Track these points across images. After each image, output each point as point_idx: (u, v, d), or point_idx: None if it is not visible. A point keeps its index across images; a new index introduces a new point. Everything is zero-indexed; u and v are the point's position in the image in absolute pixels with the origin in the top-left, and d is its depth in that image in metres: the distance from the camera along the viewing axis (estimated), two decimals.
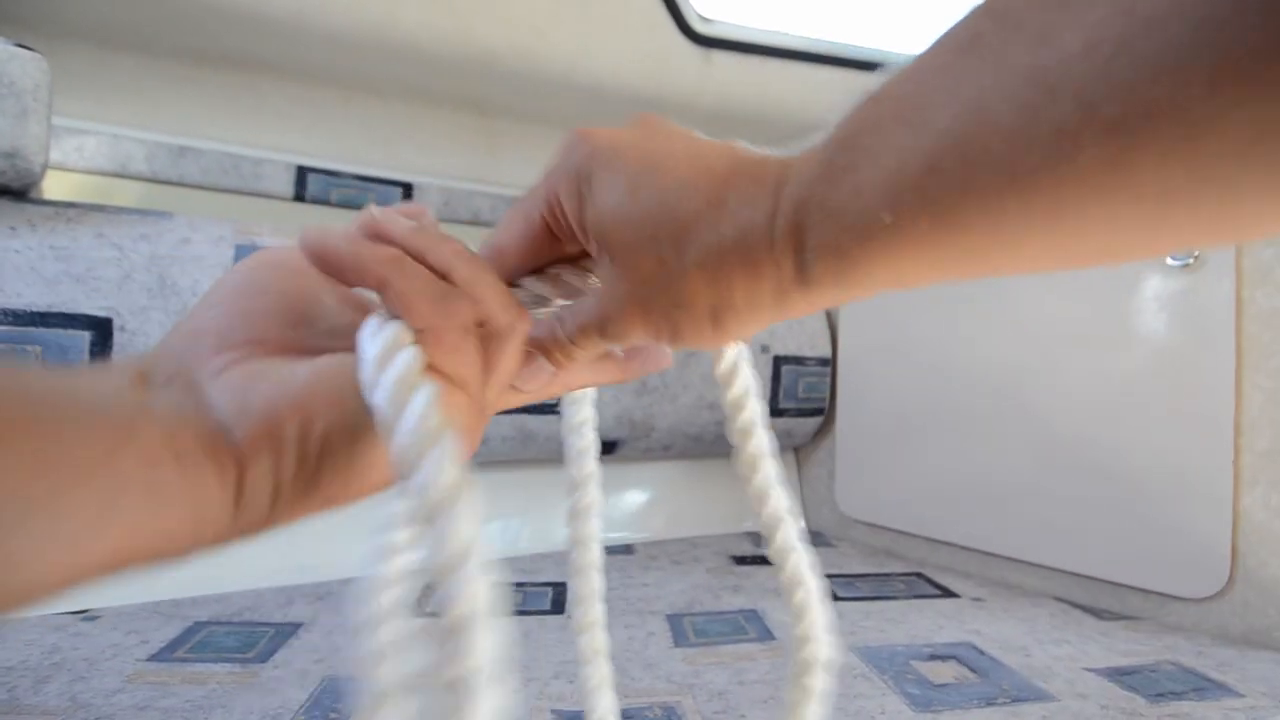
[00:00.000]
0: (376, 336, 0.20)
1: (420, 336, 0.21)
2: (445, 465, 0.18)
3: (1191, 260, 0.71)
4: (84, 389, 0.19)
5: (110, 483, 0.18)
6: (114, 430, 0.18)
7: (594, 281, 0.26)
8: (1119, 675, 0.58)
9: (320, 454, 0.21)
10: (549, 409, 0.91)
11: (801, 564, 0.28)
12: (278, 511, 0.21)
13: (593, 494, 0.32)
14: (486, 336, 0.23)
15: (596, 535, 0.33)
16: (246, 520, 0.20)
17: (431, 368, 0.21)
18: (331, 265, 0.22)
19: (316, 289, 0.25)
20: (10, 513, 0.16)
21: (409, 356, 0.20)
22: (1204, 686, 0.56)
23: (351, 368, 0.21)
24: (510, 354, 0.24)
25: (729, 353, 0.28)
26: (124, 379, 0.21)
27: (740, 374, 0.28)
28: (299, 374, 0.21)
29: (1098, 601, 0.78)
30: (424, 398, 0.19)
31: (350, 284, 0.23)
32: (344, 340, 0.23)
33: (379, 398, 0.19)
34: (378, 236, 0.23)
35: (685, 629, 0.68)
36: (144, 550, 0.19)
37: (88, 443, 0.18)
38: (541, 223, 0.25)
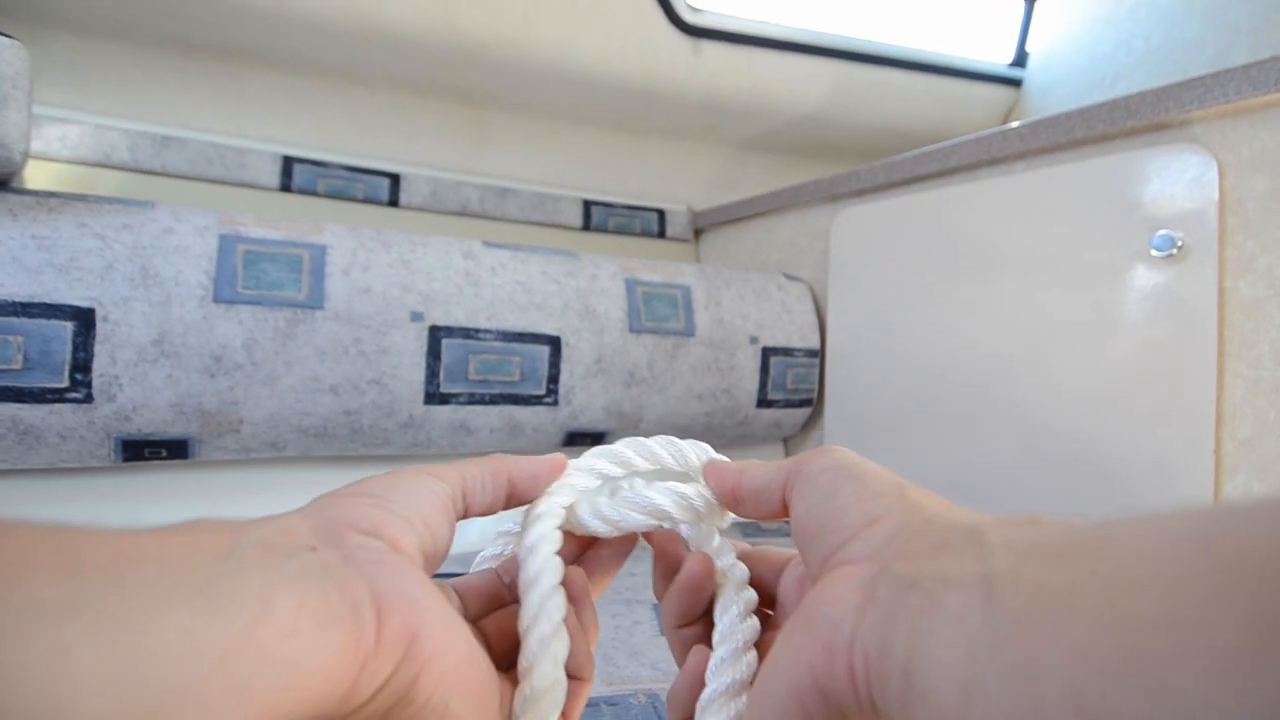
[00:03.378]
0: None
1: None
2: None
3: (1175, 251, 0.71)
4: (203, 551, 0.18)
5: (248, 663, 0.16)
6: (248, 604, 0.17)
7: None
8: None
9: (422, 693, 0.20)
10: (536, 400, 0.91)
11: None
12: (367, 695, 0.20)
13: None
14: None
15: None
16: (350, 685, 0.19)
17: None
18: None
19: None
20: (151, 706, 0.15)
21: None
22: None
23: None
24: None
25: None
26: (244, 539, 0.19)
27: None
28: (455, 622, 0.22)
29: None
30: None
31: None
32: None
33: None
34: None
35: None
36: (281, 710, 0.17)
37: (228, 616, 0.16)
38: None
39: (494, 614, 0.27)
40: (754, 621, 0.26)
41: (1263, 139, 0.66)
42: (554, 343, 0.91)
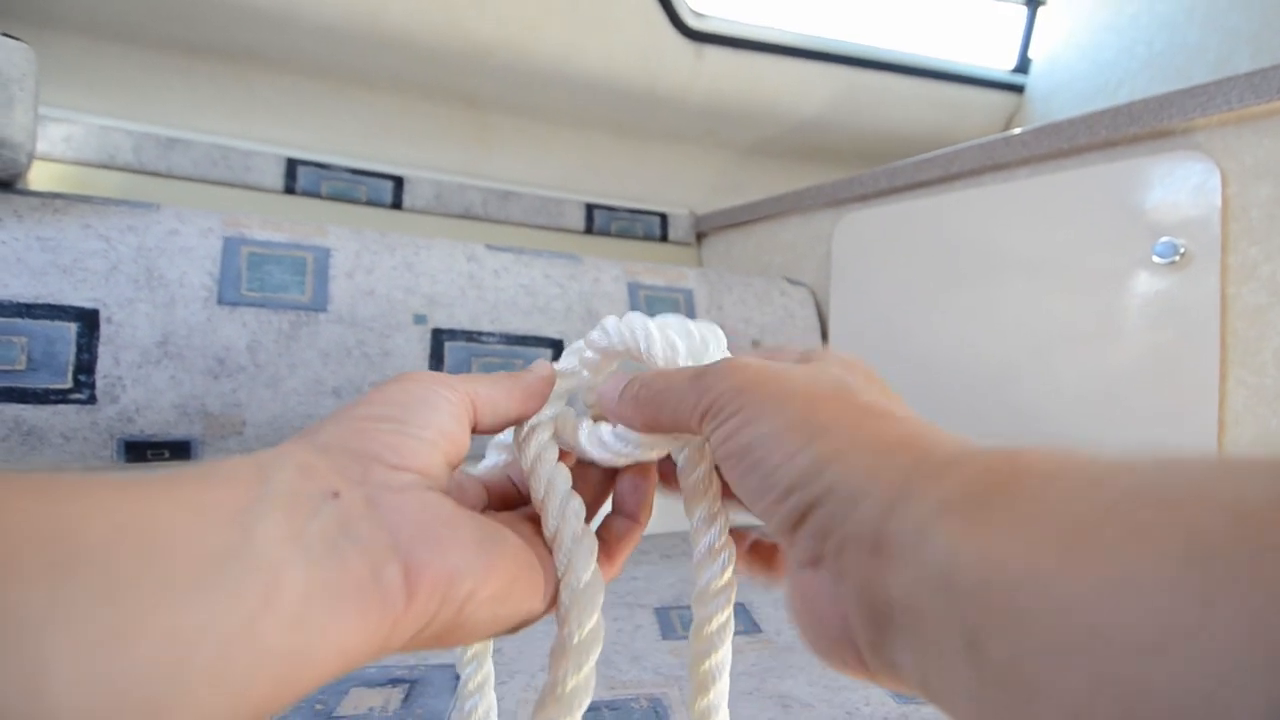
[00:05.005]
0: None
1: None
2: None
3: (1177, 258, 0.71)
4: (212, 521, 0.17)
5: (244, 664, 0.16)
6: (250, 595, 0.16)
7: None
8: None
9: (468, 617, 0.21)
10: None
11: None
12: (400, 646, 0.20)
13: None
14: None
15: None
16: (375, 651, 0.19)
17: None
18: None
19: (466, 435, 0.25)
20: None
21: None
22: None
23: (520, 548, 0.23)
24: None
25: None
26: (265, 490, 0.18)
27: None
28: (487, 540, 0.22)
29: None
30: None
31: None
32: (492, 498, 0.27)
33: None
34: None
35: (673, 622, 0.68)
36: (286, 696, 0.17)
37: (227, 610, 0.16)
38: None
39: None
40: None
41: (1266, 146, 0.66)
42: (557, 346, 0.91)
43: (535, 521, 0.26)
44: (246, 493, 0.18)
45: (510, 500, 0.29)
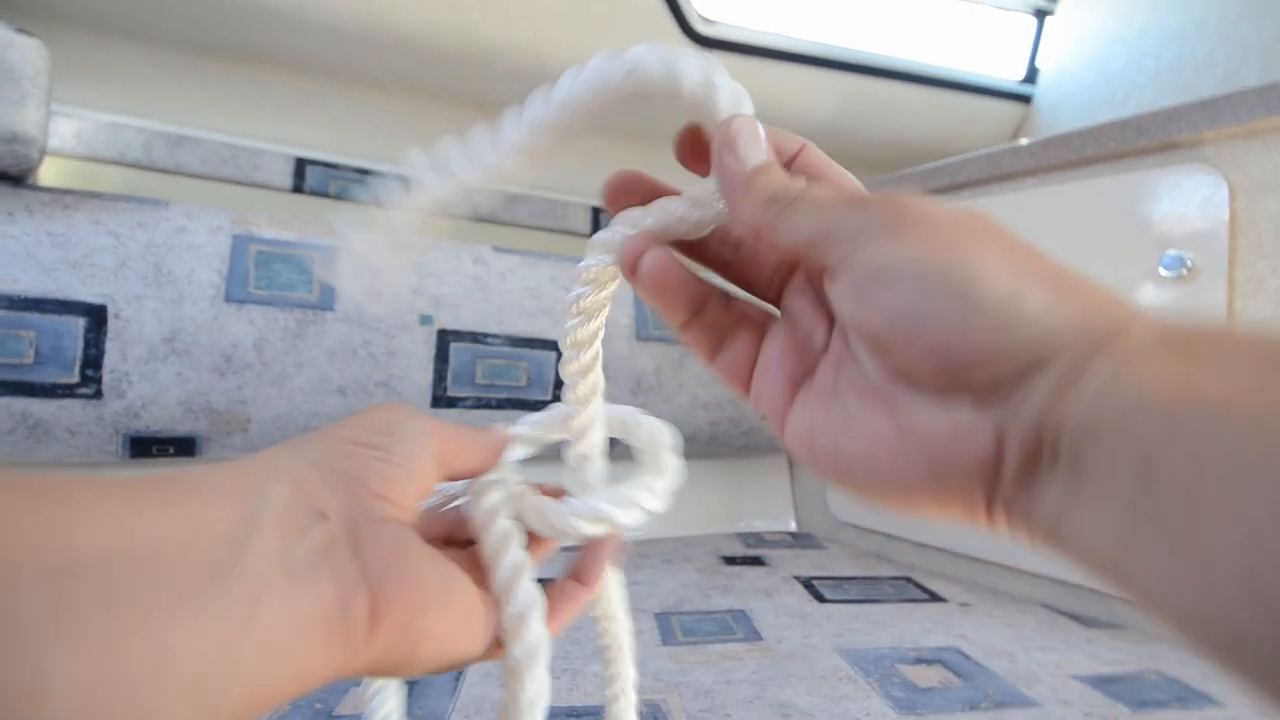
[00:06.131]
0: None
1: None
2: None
3: (1185, 271, 0.71)
4: (196, 537, 0.17)
5: (219, 681, 0.16)
6: (234, 614, 0.17)
7: None
8: (1103, 683, 0.58)
9: (419, 652, 0.22)
10: (543, 406, 0.91)
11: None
12: (354, 673, 0.21)
13: None
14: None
15: None
16: (331, 676, 0.20)
17: None
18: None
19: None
20: None
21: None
22: (1187, 696, 0.56)
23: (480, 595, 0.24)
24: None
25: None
26: (261, 504, 0.19)
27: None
28: (446, 580, 0.23)
29: (1084, 609, 0.79)
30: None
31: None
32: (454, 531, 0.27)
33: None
34: None
35: (673, 628, 0.68)
36: (246, 714, 0.18)
37: (210, 630, 0.16)
38: None
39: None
40: None
41: (1275, 160, 0.66)
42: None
43: (478, 565, 0.27)
44: (243, 507, 0.19)
45: (450, 538, 0.29)
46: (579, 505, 0.27)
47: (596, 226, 1.36)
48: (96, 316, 0.70)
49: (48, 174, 0.98)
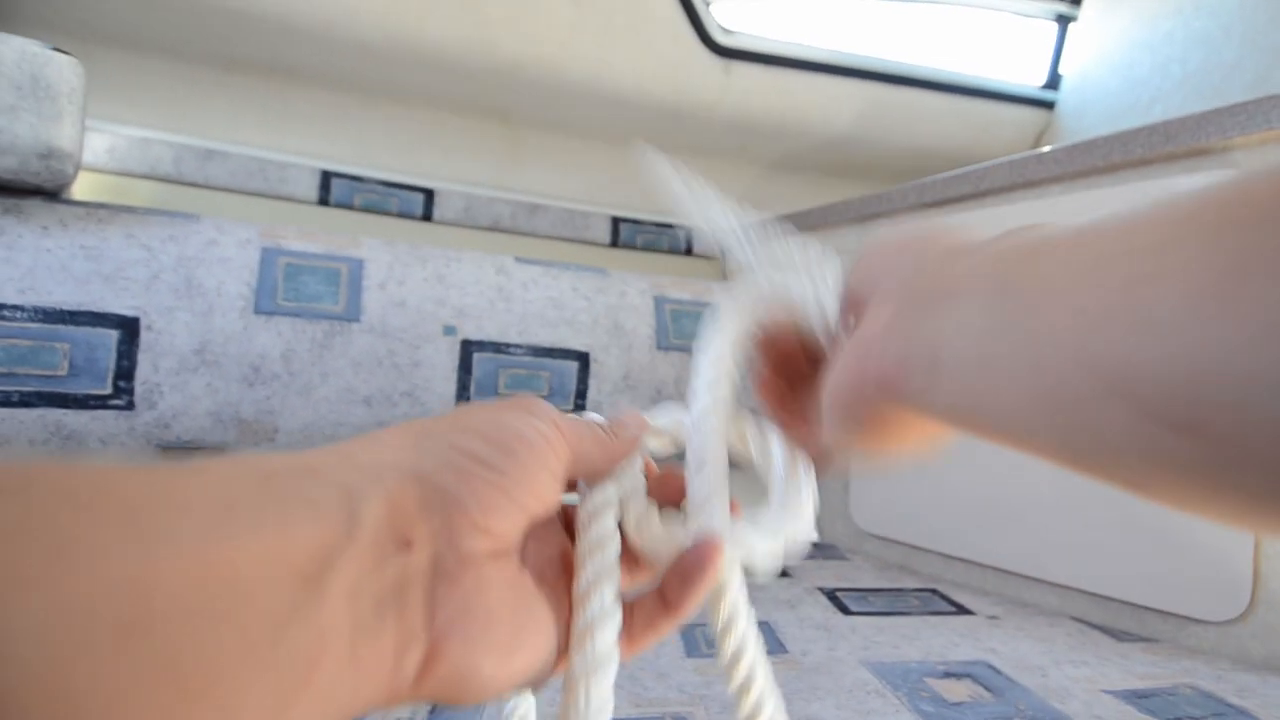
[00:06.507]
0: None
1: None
2: None
3: None
4: (276, 573, 0.15)
5: None
6: (295, 672, 0.15)
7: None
8: (1137, 698, 0.57)
9: (471, 694, 0.21)
10: None
11: None
12: (390, 705, 0.20)
13: None
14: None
15: None
16: (362, 713, 0.19)
17: None
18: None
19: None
20: None
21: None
22: (1223, 712, 0.55)
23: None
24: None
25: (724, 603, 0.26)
26: (349, 532, 0.17)
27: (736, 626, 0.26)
28: (519, 627, 0.21)
29: (1116, 622, 0.77)
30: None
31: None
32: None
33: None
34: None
35: (697, 640, 0.68)
36: None
37: (271, 690, 0.15)
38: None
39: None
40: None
41: None
42: (583, 359, 0.92)
43: (568, 559, 0.25)
44: (331, 530, 0.17)
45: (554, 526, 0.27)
46: (679, 532, 0.25)
47: (617, 236, 1.37)
48: (129, 328, 0.71)
49: (81, 188, 1.00)
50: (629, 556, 0.26)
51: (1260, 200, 0.14)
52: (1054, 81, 1.49)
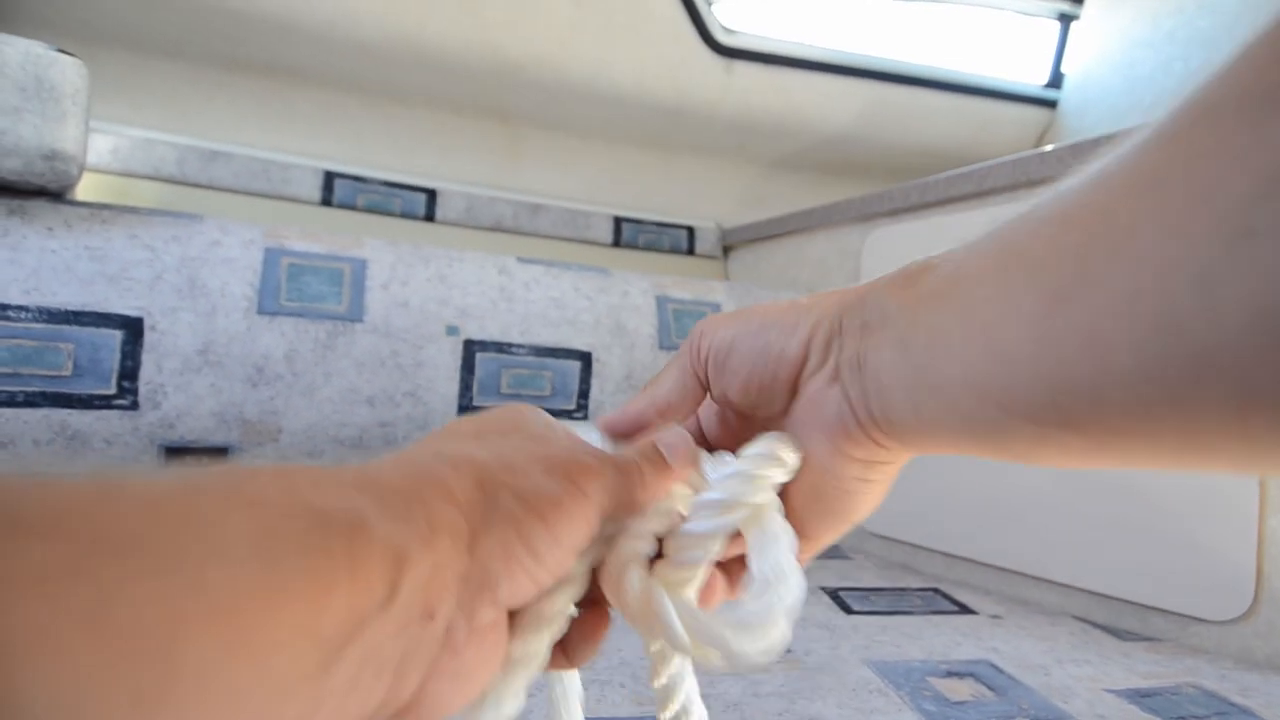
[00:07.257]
0: None
1: None
2: None
3: None
4: (303, 642, 0.15)
5: None
6: None
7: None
8: (1140, 697, 0.57)
9: None
10: (568, 415, 0.92)
11: None
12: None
13: None
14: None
15: None
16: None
17: None
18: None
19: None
20: None
21: None
22: (1227, 711, 0.55)
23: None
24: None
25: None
26: (389, 600, 0.17)
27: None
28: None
29: (1118, 621, 0.77)
30: None
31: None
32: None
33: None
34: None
35: None
36: None
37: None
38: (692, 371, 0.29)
39: None
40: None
41: None
42: (585, 359, 0.92)
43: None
44: (365, 606, 0.16)
45: None
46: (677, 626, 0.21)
47: (618, 235, 1.37)
48: (133, 329, 0.71)
49: (85, 189, 1.00)
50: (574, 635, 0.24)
51: (1054, 235, 0.19)
52: (1056, 80, 1.49)
